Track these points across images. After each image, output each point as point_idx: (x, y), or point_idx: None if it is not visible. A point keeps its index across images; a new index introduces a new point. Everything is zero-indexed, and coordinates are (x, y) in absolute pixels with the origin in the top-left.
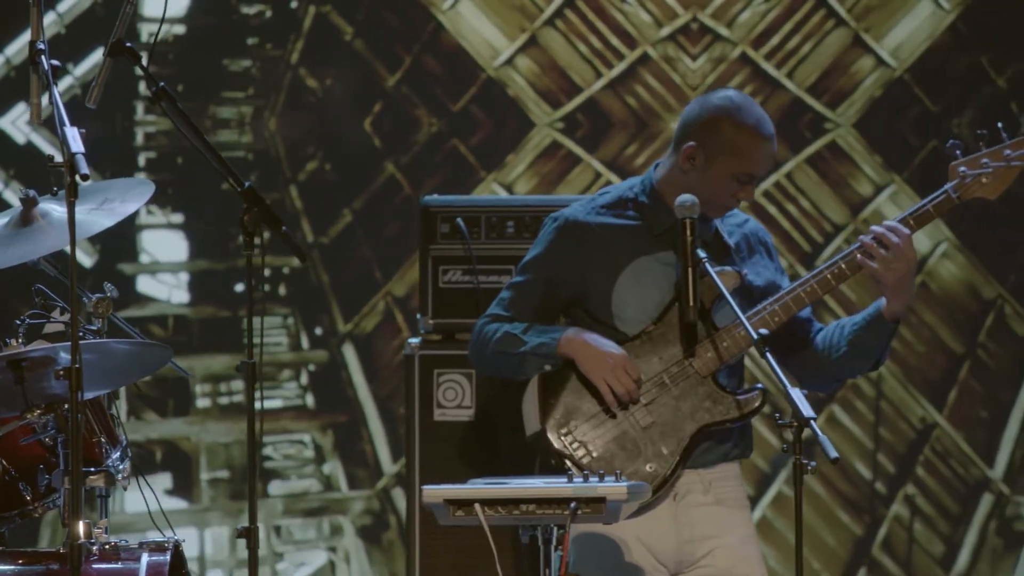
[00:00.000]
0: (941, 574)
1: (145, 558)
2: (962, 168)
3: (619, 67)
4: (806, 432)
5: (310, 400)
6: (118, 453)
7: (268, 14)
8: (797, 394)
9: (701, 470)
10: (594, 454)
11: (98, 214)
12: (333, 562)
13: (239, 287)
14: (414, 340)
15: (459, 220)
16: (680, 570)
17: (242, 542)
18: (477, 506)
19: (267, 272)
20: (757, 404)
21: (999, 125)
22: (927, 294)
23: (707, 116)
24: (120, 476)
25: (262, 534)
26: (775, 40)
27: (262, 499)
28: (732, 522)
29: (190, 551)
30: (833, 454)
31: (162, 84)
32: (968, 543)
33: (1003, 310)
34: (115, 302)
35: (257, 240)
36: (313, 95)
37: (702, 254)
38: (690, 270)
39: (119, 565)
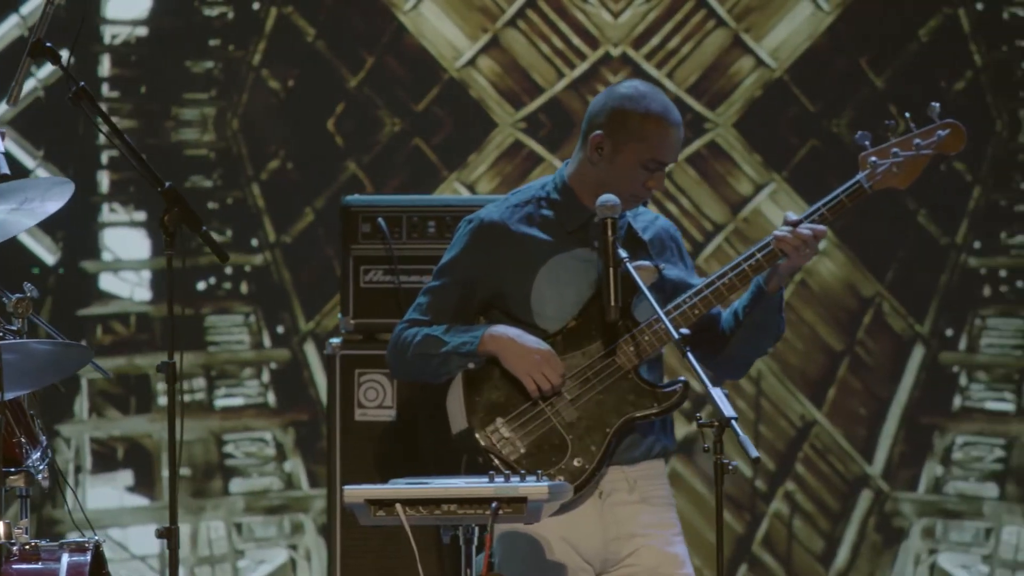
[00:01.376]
0: (821, 570)
1: (65, 558)
2: (873, 158)
3: (581, 67)
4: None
5: (271, 398)
6: (38, 453)
7: (230, 15)
8: (718, 393)
9: (626, 467)
10: (521, 450)
11: (18, 214)
12: (294, 560)
13: (201, 285)
14: (335, 340)
15: (380, 220)
16: (605, 569)
17: (204, 538)
18: (398, 506)
19: (228, 270)
20: (678, 397)
21: (906, 115)
22: (807, 292)
23: (613, 105)
24: (40, 476)
25: (223, 531)
26: (655, 40)
27: (223, 497)
28: (657, 521)
29: (150, 548)
30: (754, 454)
31: (82, 84)
32: (847, 539)
33: (881, 308)
34: (75, 300)
35: (221, 238)
36: (275, 96)
37: (624, 254)
38: (612, 270)
39: (39, 565)
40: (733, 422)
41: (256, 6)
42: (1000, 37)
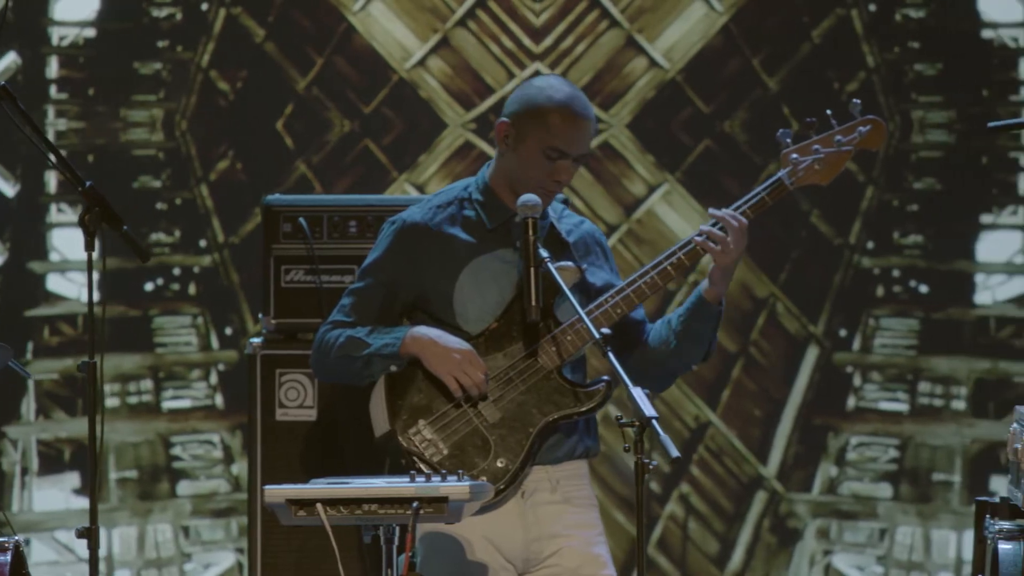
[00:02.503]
0: (716, 572)
1: None
2: (794, 155)
3: (531, 67)
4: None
5: (219, 400)
6: None
7: (178, 17)
8: (639, 393)
9: (549, 467)
10: (444, 452)
11: None
12: (241, 563)
13: (149, 286)
14: (255, 340)
15: (301, 219)
16: (527, 569)
17: (151, 541)
18: (319, 506)
19: (177, 271)
20: (602, 396)
21: (828, 112)
22: None
23: (520, 94)
24: None
25: (170, 534)
26: (548, 41)
27: (170, 499)
28: (580, 521)
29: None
30: (674, 453)
31: (3, 84)
32: (742, 541)
33: (775, 308)
34: (21, 300)
35: (169, 238)
36: (224, 97)
37: (544, 253)
38: (532, 269)
39: None
40: (654, 421)
41: (205, 7)
42: (892, 38)
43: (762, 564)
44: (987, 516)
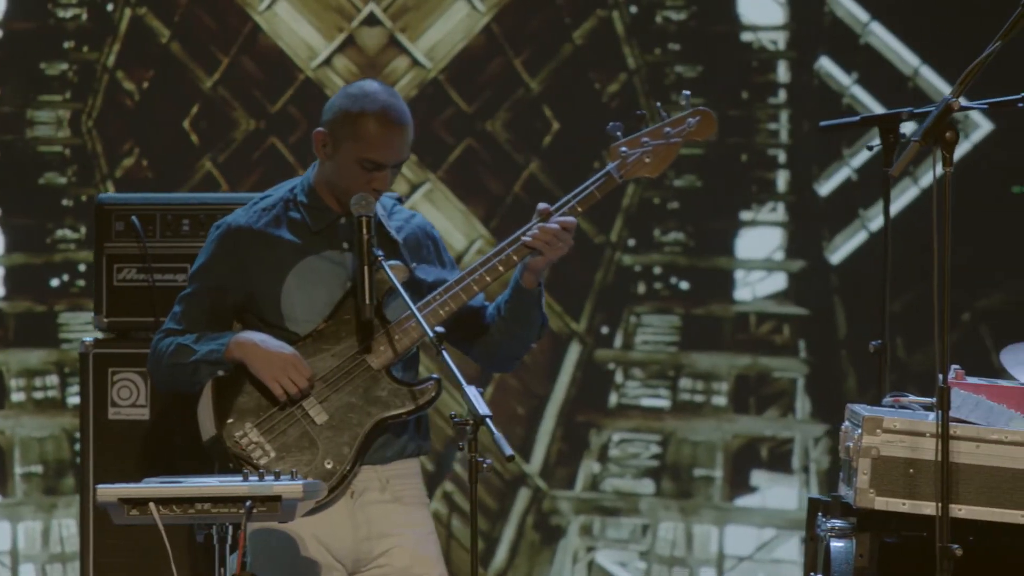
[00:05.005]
0: (480, 570)
1: None
2: (623, 148)
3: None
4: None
5: None
6: None
7: (84, 17)
8: (472, 392)
9: (379, 467)
10: (272, 455)
11: None
12: None
13: (55, 282)
14: (88, 339)
15: (134, 218)
16: (357, 568)
17: (56, 536)
18: (152, 505)
19: (82, 268)
20: (432, 395)
21: (657, 104)
22: None
23: (336, 103)
24: None
25: (74, 529)
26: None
27: (75, 495)
28: (410, 520)
29: (2, 545)
30: (508, 452)
31: None
32: (506, 538)
33: None
34: None
35: (75, 235)
36: (130, 97)
37: (378, 252)
38: (366, 268)
39: None
40: (488, 420)
41: (110, 8)
42: (653, 40)
43: (526, 561)
44: (819, 514)
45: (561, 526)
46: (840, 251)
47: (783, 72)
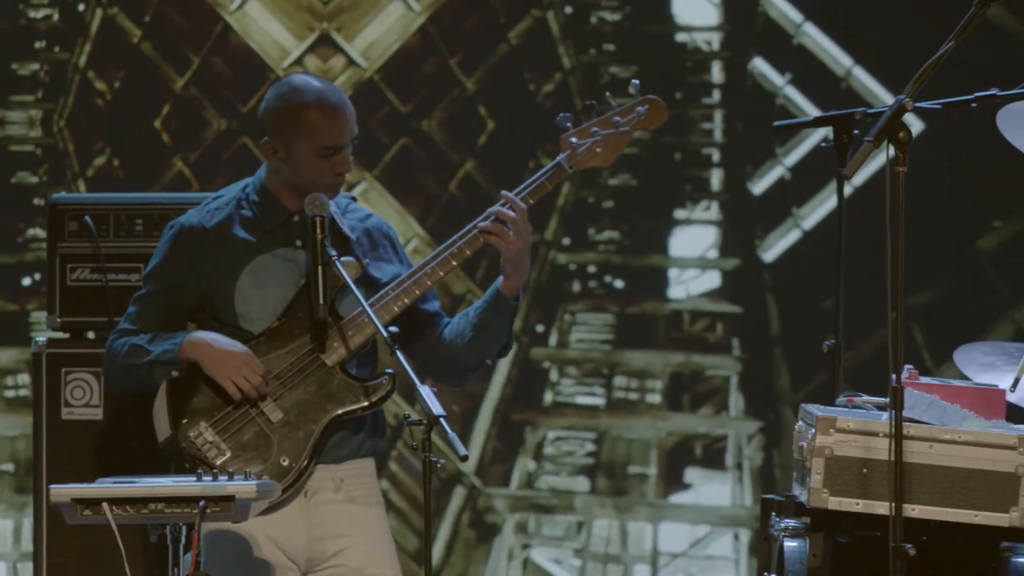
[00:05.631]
0: (415, 569)
1: None
2: (573, 139)
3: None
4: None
5: None
6: None
7: (55, 17)
8: (426, 392)
9: (333, 466)
10: (227, 454)
11: None
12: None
13: (26, 281)
14: (40, 339)
15: (87, 218)
16: (311, 568)
17: (27, 534)
18: (105, 505)
19: None
20: (386, 390)
21: (607, 94)
22: None
23: (270, 108)
24: None
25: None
26: None
27: None
28: (364, 520)
29: None
30: (462, 451)
31: None
32: (442, 537)
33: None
34: None
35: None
36: (101, 97)
37: (332, 252)
38: (320, 268)
39: None
40: (442, 420)
41: (81, 7)
42: (587, 40)
43: (461, 559)
44: (773, 514)
45: (496, 524)
46: (773, 249)
47: (717, 72)
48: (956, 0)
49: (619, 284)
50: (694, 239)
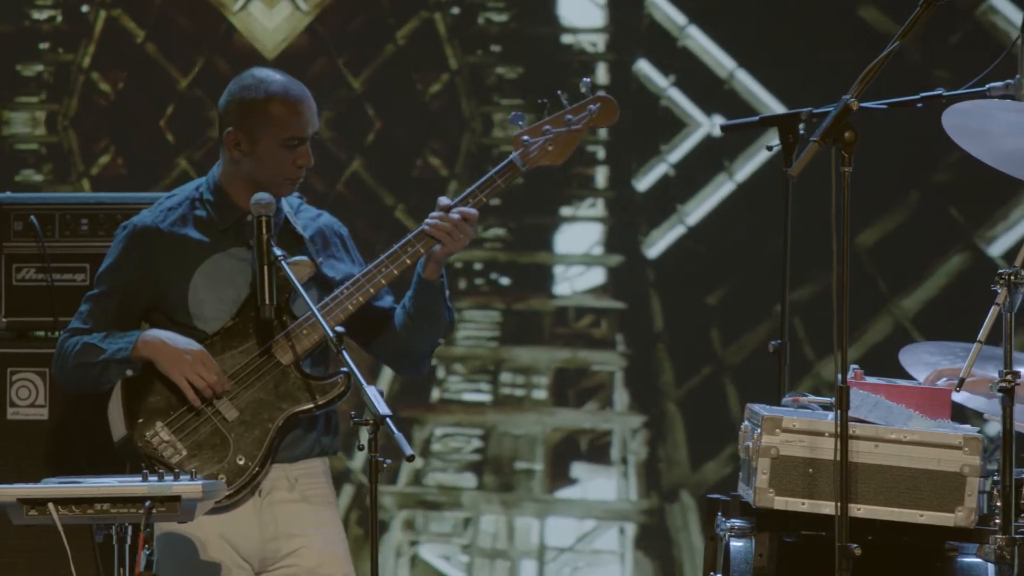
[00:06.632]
0: None
1: None
2: (525, 137)
3: None
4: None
5: None
6: None
7: (59, 19)
8: (373, 392)
9: (287, 465)
10: (183, 453)
11: None
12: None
13: None
14: None
15: (32, 218)
16: (264, 568)
17: None
18: (51, 505)
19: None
20: (340, 389)
21: (559, 92)
22: None
23: (234, 99)
24: None
25: None
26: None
27: None
28: (318, 520)
29: None
30: (408, 451)
31: None
32: None
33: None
34: None
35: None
36: (105, 98)
37: (278, 252)
38: (266, 268)
39: None
40: (388, 420)
41: (85, 9)
42: (474, 41)
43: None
44: (718, 513)
45: (384, 521)
46: (657, 246)
47: (602, 74)
48: (835, 6)
49: (505, 281)
50: (579, 236)
